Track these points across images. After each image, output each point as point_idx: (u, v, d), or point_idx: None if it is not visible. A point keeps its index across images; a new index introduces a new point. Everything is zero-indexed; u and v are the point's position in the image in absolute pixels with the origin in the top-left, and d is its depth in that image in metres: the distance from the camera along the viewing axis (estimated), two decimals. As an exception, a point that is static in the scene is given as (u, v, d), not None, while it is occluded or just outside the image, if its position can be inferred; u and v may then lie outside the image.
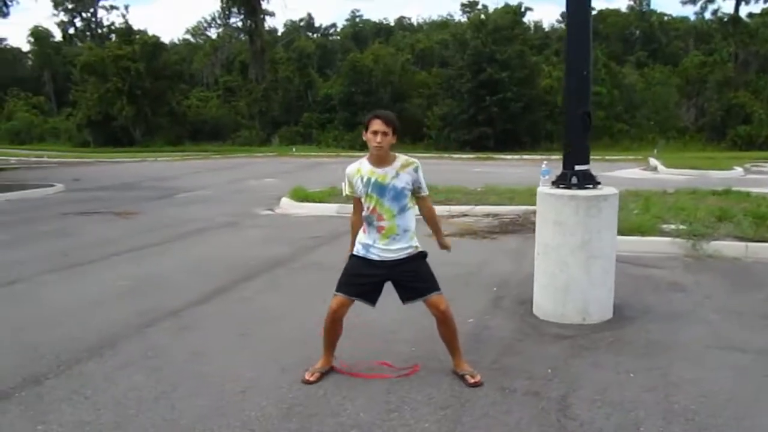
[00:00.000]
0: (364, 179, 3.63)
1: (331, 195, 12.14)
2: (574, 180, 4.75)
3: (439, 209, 10.67)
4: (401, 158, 3.69)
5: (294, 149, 33.16)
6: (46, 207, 12.97)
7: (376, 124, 3.52)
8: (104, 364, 4.20)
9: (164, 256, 7.80)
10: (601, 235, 4.65)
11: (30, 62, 69.65)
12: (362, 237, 3.73)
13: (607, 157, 23.97)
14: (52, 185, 16.70)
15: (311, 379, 3.77)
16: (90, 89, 41.37)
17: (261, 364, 4.09)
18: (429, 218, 3.91)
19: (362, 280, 3.70)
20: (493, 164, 24.35)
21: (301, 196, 11.84)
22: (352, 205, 3.87)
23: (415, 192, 3.72)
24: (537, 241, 4.95)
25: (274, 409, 3.47)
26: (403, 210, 3.65)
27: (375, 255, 3.67)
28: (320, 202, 11.51)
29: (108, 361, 4.24)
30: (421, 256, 3.78)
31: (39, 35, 63.54)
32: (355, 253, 3.75)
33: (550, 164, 9.77)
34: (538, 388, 3.66)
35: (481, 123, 31.56)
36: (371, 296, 3.75)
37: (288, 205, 11.81)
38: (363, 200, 3.66)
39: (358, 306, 3.83)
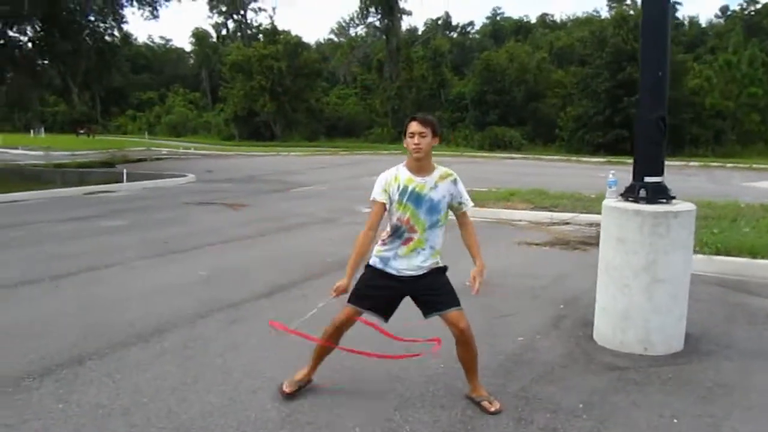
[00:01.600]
0: (401, 187, 3.41)
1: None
2: (643, 193, 4.24)
3: (541, 215, 10.24)
4: (440, 169, 3.46)
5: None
6: (173, 196, 13.98)
7: (413, 126, 3.34)
8: (145, 350, 4.38)
9: (251, 249, 8.06)
10: (670, 256, 4.11)
11: (191, 61, 75.99)
12: (380, 250, 3.53)
13: (755, 166, 21.54)
14: (185, 175, 17.99)
15: (288, 391, 3.60)
16: (237, 86, 44.20)
17: (284, 364, 4.03)
18: (468, 235, 3.59)
19: (378, 292, 3.50)
20: (625, 169, 22.82)
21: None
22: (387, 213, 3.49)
23: (455, 208, 3.49)
24: (600, 258, 4.49)
25: (275, 413, 3.42)
26: (434, 225, 3.43)
27: (393, 270, 3.47)
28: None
29: (150, 348, 4.42)
30: (442, 270, 3.55)
31: (199, 36, 69.01)
32: (371, 264, 3.56)
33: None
34: (560, 424, 3.29)
35: (617, 125, 29.75)
36: (385, 310, 3.54)
37: (389, 204, 11.77)
38: (395, 209, 3.43)
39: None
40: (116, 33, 17.78)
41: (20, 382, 3.85)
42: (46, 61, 16.87)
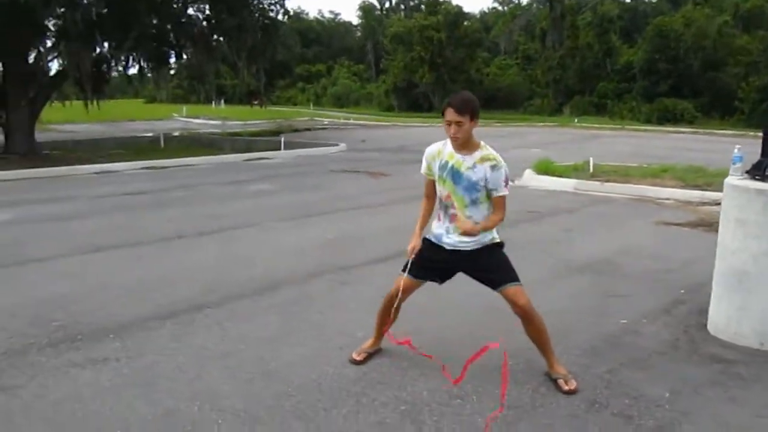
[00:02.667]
0: (443, 162, 3.39)
1: (576, 170, 11.50)
2: (771, 170, 3.79)
3: (691, 194, 9.40)
4: (485, 150, 3.35)
5: (576, 120, 31.72)
6: (322, 163, 14.71)
7: (449, 114, 3.23)
8: (256, 303, 4.78)
9: (378, 216, 8.32)
10: (798, 242, 3.66)
11: (358, 34, 78.31)
12: (435, 226, 3.53)
13: None
14: (337, 144, 18.79)
15: (357, 358, 3.70)
16: (398, 58, 44.92)
17: (340, 335, 4.14)
18: (492, 216, 3.41)
19: (432, 264, 3.49)
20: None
21: (543, 168, 11.42)
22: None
23: (488, 192, 3.37)
24: (718, 241, 4.10)
25: (352, 370, 3.58)
26: (475, 203, 3.37)
27: (447, 245, 3.45)
28: (560, 176, 10.96)
29: (261, 302, 4.81)
30: (496, 245, 3.47)
31: (366, 9, 70.83)
32: (428, 237, 3.57)
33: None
34: (636, 411, 3.11)
35: (813, 97, 26.16)
36: (440, 277, 3.56)
37: (528, 177, 11.50)
38: (438, 184, 3.43)
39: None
40: (280, 9, 18.86)
41: (146, 322, 4.39)
42: (219, 38, 18.31)
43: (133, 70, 22.94)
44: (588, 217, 8.22)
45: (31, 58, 17.50)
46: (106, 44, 17.00)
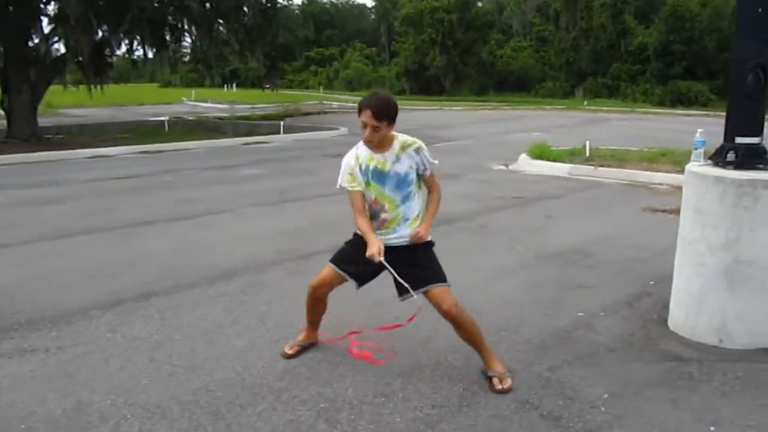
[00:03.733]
0: (363, 166, 3.17)
1: (573, 154, 11.21)
2: (731, 156, 3.55)
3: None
4: (400, 139, 3.16)
5: (585, 102, 31.15)
6: (317, 148, 14.53)
7: (366, 116, 3.00)
8: (206, 292, 4.64)
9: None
10: (757, 234, 3.42)
11: (372, 16, 77.64)
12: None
13: None
14: (337, 129, 18.59)
15: (289, 352, 3.54)
16: (409, 40, 44.42)
17: (280, 326, 3.99)
18: (430, 199, 3.29)
19: (362, 258, 3.31)
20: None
21: (537, 153, 11.14)
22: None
23: (420, 175, 3.20)
24: (679, 231, 3.87)
25: (281, 365, 3.43)
26: (407, 198, 3.18)
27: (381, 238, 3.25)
28: (554, 160, 10.69)
29: (211, 291, 4.67)
30: (428, 243, 3.28)
31: (379, -10, 70.01)
32: (357, 233, 3.37)
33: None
34: (567, 413, 2.92)
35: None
36: (361, 277, 3.32)
37: (523, 162, 11.23)
38: (366, 191, 3.21)
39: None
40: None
41: (88, 311, 4.27)
42: (219, 20, 18.11)
43: (137, 54, 22.96)
44: (573, 204, 7.97)
45: (32, 42, 17.46)
46: (105, 27, 16.89)
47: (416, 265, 3.16)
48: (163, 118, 22.12)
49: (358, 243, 3.26)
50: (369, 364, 3.43)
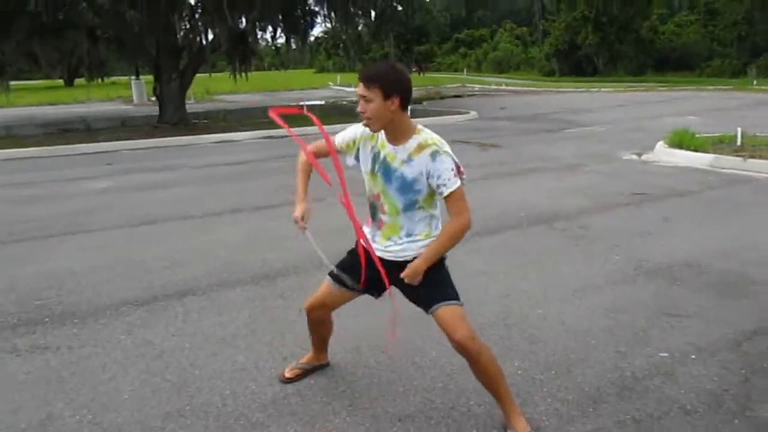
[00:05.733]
0: (376, 151, 2.54)
1: (721, 143, 9.67)
2: None
3: None
4: (421, 135, 2.45)
5: (754, 82, 27.35)
6: (439, 133, 13.70)
7: (358, 87, 2.39)
8: (243, 293, 4.32)
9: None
10: None
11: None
12: (366, 230, 2.71)
13: None
14: (468, 113, 17.81)
15: (288, 375, 3.06)
16: (559, 19, 42.01)
17: (298, 340, 3.52)
18: (444, 229, 2.51)
19: (352, 270, 2.73)
20: None
21: (676, 141, 9.69)
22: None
23: (434, 192, 2.47)
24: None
25: (274, 390, 2.97)
26: (411, 209, 2.51)
27: (376, 248, 2.63)
28: (695, 150, 9.22)
29: (250, 291, 4.35)
30: (439, 259, 2.56)
31: (533, -33, 67.08)
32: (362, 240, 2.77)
33: None
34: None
35: None
36: (368, 283, 2.73)
37: (659, 151, 9.86)
38: (367, 179, 2.61)
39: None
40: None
41: (119, 307, 4.12)
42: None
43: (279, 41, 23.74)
44: (703, 203, 6.71)
45: (180, 33, 18.54)
46: (241, 16, 17.46)
47: (427, 282, 2.51)
48: (302, 103, 22.70)
49: (357, 250, 2.70)
50: (371, 401, 2.86)
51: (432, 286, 2.52)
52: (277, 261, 5.03)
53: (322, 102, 26.64)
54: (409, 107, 2.47)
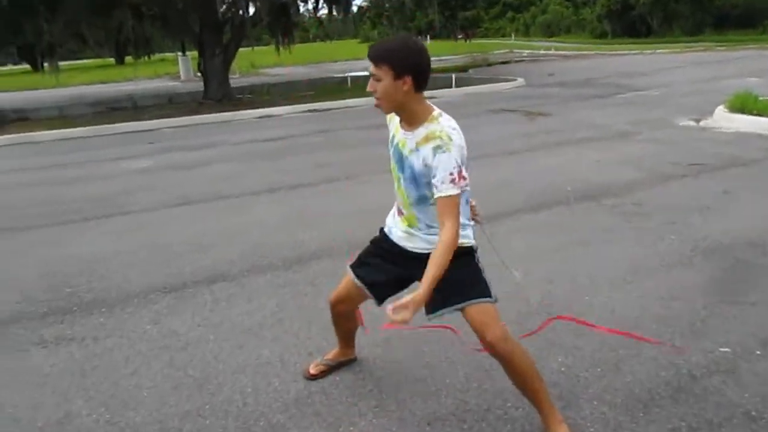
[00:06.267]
0: (391, 132, 2.33)
1: (791, 105, 8.96)
2: None
3: None
4: (433, 125, 2.16)
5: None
6: (486, 102, 13.49)
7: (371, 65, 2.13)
8: (275, 278, 4.17)
9: (501, 167, 7.12)
10: None
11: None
12: (390, 216, 2.50)
13: None
14: (514, 80, 17.22)
15: (312, 372, 2.88)
16: (612, -23, 40.28)
17: (325, 333, 3.33)
18: (441, 239, 2.12)
19: (376, 262, 2.51)
20: None
21: (738, 105, 9.04)
22: None
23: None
24: None
25: (298, 386, 2.81)
26: (423, 202, 2.25)
27: (397, 239, 2.42)
28: (758, 114, 8.59)
29: (282, 277, 4.19)
30: (466, 252, 2.30)
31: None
32: (383, 228, 2.55)
33: None
34: None
35: None
36: (380, 289, 2.52)
37: (719, 116, 9.23)
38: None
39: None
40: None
41: (148, 294, 4.03)
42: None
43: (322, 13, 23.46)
44: (769, 174, 6.22)
45: (222, 8, 18.46)
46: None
47: (449, 278, 2.22)
48: (347, 74, 22.45)
49: (382, 241, 2.48)
50: (397, 403, 2.67)
51: (464, 284, 2.28)
52: (311, 242, 4.86)
53: (366, 73, 26.29)
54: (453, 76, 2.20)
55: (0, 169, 9.08)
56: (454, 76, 17.58)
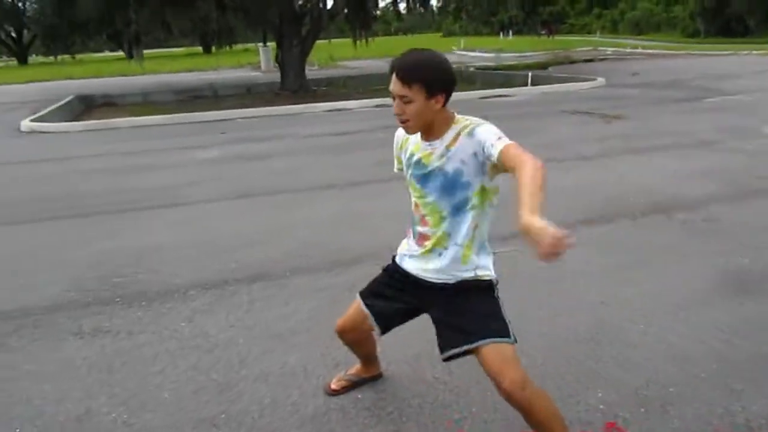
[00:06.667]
0: (407, 153, 2.16)
1: None
2: None
3: None
4: (460, 124, 2.01)
5: None
6: (560, 103, 13.00)
7: (393, 84, 1.96)
8: (319, 280, 4.09)
9: (567, 174, 6.76)
10: None
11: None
12: (403, 244, 2.33)
13: None
14: (594, 79, 16.53)
15: (334, 387, 2.76)
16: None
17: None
18: (522, 176, 1.74)
19: (387, 293, 2.34)
20: None
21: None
22: None
23: (488, 164, 1.95)
24: None
25: (317, 401, 2.70)
26: (460, 210, 2.06)
27: (411, 267, 2.24)
28: None
29: (316, 281, 4.11)
30: (484, 284, 2.13)
31: None
32: (395, 256, 2.38)
33: None
34: None
35: None
36: (386, 319, 2.37)
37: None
38: (409, 188, 2.21)
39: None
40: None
41: (188, 290, 4.03)
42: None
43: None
44: None
45: (301, 1, 18.67)
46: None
47: (464, 311, 2.11)
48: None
49: (394, 271, 2.33)
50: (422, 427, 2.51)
51: (475, 317, 2.09)
52: (357, 245, 4.75)
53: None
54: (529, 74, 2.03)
55: (77, 155, 9.46)
56: (530, 73, 17.08)
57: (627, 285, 3.78)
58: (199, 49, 57.88)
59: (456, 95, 2.01)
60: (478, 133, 1.95)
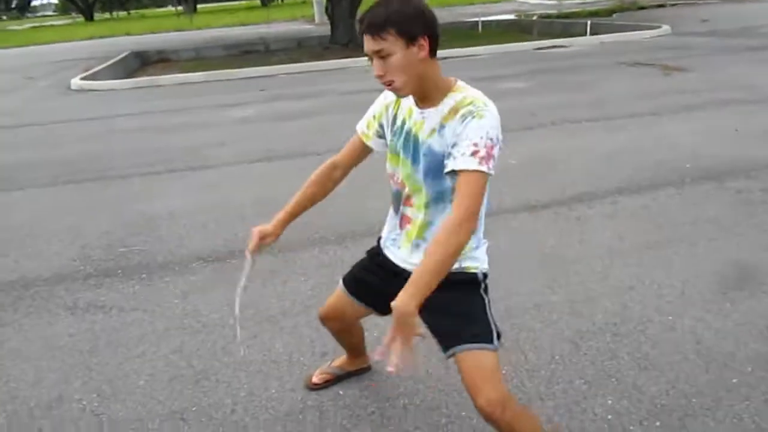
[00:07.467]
0: (399, 121, 1.82)
1: None
2: None
3: None
4: (461, 93, 1.67)
5: None
6: (619, 53, 12.15)
7: (366, 42, 1.60)
8: (342, 250, 3.85)
9: (610, 134, 6.25)
10: None
11: None
12: (385, 227, 2.02)
13: None
14: (658, 27, 15.39)
15: (315, 380, 2.54)
16: None
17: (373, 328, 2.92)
18: (437, 236, 1.56)
19: (368, 279, 2.08)
20: None
21: None
22: None
23: (446, 159, 1.63)
24: None
25: (295, 396, 2.49)
26: (442, 199, 1.74)
27: (393, 255, 1.95)
28: None
29: (355, 247, 3.87)
30: (467, 281, 1.81)
31: None
32: (380, 238, 2.08)
33: None
34: None
35: None
36: (374, 301, 2.07)
37: None
38: (388, 160, 1.88)
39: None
40: None
41: (191, 263, 3.87)
42: None
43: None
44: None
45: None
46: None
47: (448, 311, 1.79)
48: (478, 19, 21.43)
49: (376, 255, 2.06)
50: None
51: (453, 318, 1.79)
52: (375, 214, 4.39)
53: (500, 18, 24.99)
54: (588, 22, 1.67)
55: (117, 114, 9.45)
56: (589, 21, 16.06)
57: (660, 267, 3.37)
58: (257, 1, 57.71)
59: (507, 46, 1.66)
60: (470, 126, 1.59)
